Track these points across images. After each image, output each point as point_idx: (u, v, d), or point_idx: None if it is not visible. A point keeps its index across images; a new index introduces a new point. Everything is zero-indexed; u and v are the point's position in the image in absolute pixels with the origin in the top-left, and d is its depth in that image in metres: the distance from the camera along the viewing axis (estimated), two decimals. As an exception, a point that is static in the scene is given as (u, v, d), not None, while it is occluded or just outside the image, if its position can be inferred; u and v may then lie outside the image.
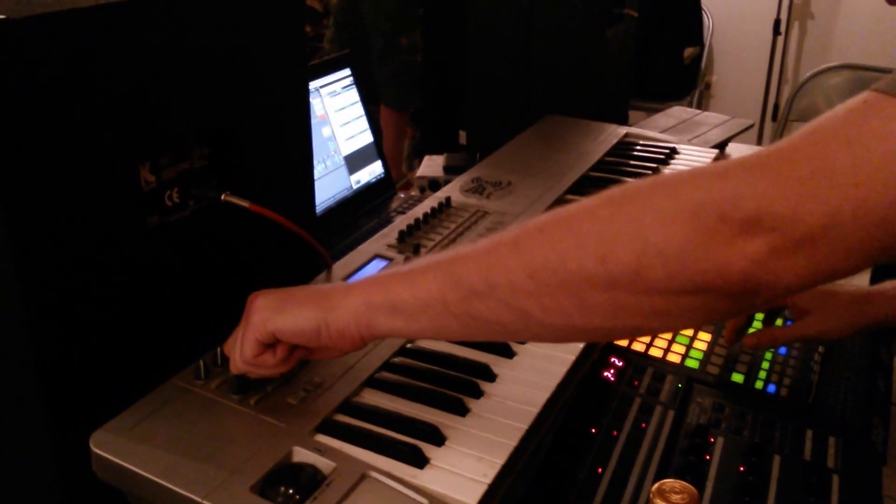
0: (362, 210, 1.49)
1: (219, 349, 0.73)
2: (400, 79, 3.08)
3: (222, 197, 0.79)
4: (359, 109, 1.56)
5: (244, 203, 0.79)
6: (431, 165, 1.71)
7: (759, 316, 1.00)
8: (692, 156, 1.31)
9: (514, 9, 1.61)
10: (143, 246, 0.72)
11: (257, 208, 0.79)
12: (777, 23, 3.86)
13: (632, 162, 1.27)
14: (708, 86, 4.31)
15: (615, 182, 1.17)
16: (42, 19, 0.58)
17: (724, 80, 4.31)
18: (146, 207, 0.73)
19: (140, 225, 0.72)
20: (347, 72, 1.53)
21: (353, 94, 1.54)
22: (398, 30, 3.14)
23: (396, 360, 0.77)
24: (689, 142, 1.77)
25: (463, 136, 3.41)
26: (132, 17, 0.66)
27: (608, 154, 1.30)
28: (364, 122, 1.58)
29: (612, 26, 1.71)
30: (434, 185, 1.65)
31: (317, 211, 1.14)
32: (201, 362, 0.72)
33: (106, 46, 0.64)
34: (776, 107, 4.02)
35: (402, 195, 1.60)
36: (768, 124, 4.02)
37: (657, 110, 3.74)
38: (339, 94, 1.50)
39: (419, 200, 1.58)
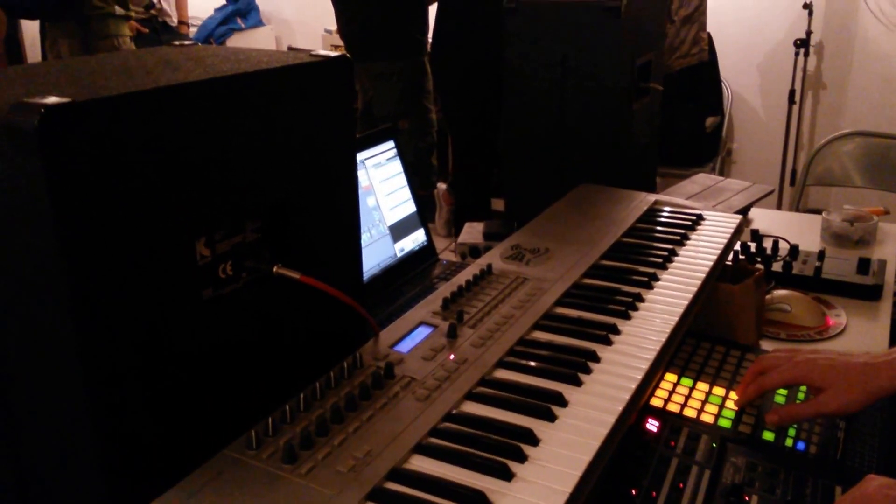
0: (406, 277, 1.47)
1: (269, 419, 0.70)
2: (414, 167, 3.12)
3: (274, 269, 0.77)
4: (402, 180, 1.55)
5: (295, 275, 0.76)
6: (472, 232, 1.69)
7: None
8: (717, 222, 1.26)
9: (546, 86, 1.61)
10: (198, 318, 0.70)
11: (308, 280, 0.77)
12: (792, 93, 3.83)
13: (661, 228, 1.24)
14: (729, 152, 4.27)
15: (647, 248, 1.15)
16: (106, 102, 0.57)
17: (745, 146, 4.28)
18: (201, 281, 0.71)
19: (196, 298, 0.70)
20: (391, 144, 1.53)
21: (397, 165, 1.54)
22: (400, 115, 3.18)
23: (443, 426, 0.74)
24: (713, 207, 1.74)
25: (497, 204, 3.41)
26: (191, 98, 0.65)
27: (639, 220, 1.26)
28: (407, 192, 1.57)
29: (639, 99, 1.69)
30: (474, 251, 1.63)
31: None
32: (253, 432, 0.69)
33: (166, 126, 0.63)
34: (794, 171, 3.96)
35: (444, 262, 1.58)
36: (787, 188, 3.95)
37: (683, 176, 3.72)
38: (383, 165, 1.49)
39: (461, 267, 1.56)
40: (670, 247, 1.14)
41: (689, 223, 1.24)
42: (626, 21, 1.52)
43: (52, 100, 0.53)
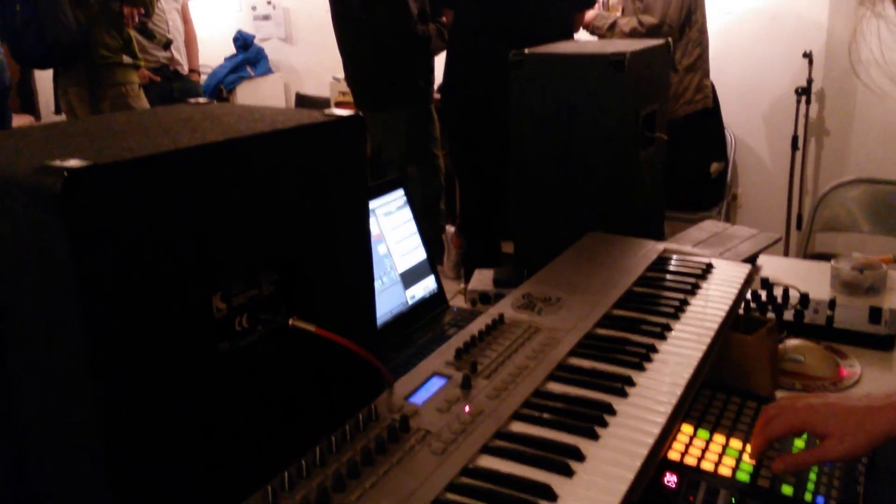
0: (417, 324, 1.47)
1: (285, 473, 0.70)
2: (422, 212, 3.16)
3: (290, 322, 0.77)
4: (412, 227, 1.56)
5: (310, 327, 0.76)
6: (482, 279, 1.69)
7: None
8: (728, 271, 1.26)
9: (553, 136, 1.62)
10: (214, 371, 0.70)
11: (323, 332, 0.77)
12: (795, 139, 3.86)
13: (671, 277, 1.24)
14: (734, 197, 4.29)
15: (658, 297, 1.15)
16: (127, 164, 0.58)
17: (749, 191, 4.30)
18: (218, 334, 0.71)
19: (212, 351, 0.70)
20: (401, 192, 1.54)
21: (407, 213, 1.55)
22: (408, 162, 3.22)
23: (460, 481, 0.73)
24: (721, 255, 1.73)
25: (507, 246, 3.41)
26: (210, 158, 0.66)
27: (649, 269, 1.26)
28: (417, 239, 1.58)
29: (645, 149, 1.71)
30: (485, 298, 1.63)
31: (375, 328, 1.12)
32: (269, 487, 0.68)
33: (185, 186, 0.64)
34: (799, 216, 3.97)
35: (455, 308, 1.58)
36: (792, 233, 3.96)
37: (689, 220, 3.74)
38: (393, 213, 1.50)
39: (471, 314, 1.56)
40: (682, 296, 1.14)
41: (700, 272, 1.24)
42: (630, 73, 1.54)
43: (75, 163, 0.54)
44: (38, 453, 0.66)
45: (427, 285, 1.55)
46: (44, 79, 5.98)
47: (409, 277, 1.50)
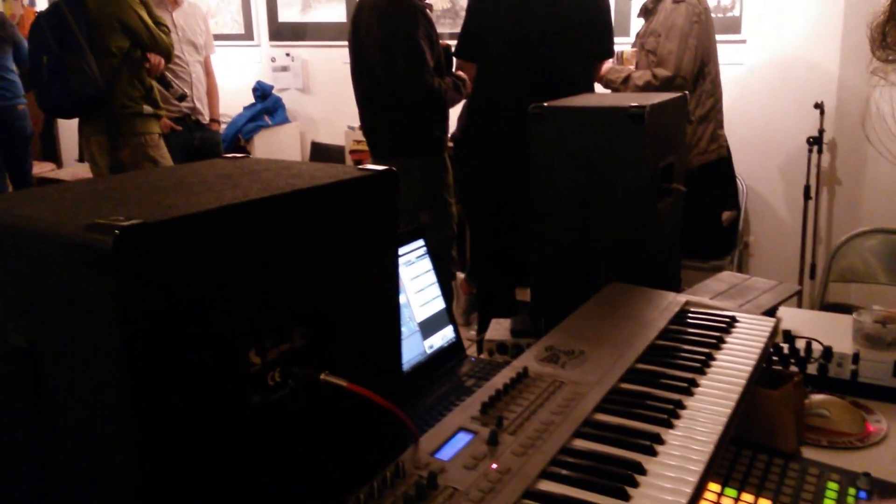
0: (435, 374, 1.46)
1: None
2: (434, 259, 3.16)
3: (321, 376, 0.77)
4: (431, 277, 1.56)
5: (342, 382, 0.76)
6: (499, 329, 1.69)
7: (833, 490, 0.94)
8: (752, 325, 1.26)
9: (571, 186, 1.64)
10: (247, 425, 0.70)
11: (355, 387, 0.77)
12: (807, 188, 3.87)
13: (695, 331, 1.23)
14: (746, 246, 4.28)
15: (683, 351, 1.14)
16: (176, 222, 0.59)
17: (762, 240, 4.29)
18: (252, 388, 0.71)
19: (246, 405, 0.70)
20: (421, 242, 1.55)
21: (426, 263, 1.55)
22: (421, 209, 3.24)
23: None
24: (740, 307, 1.73)
25: (520, 294, 3.41)
26: (252, 215, 0.67)
27: (672, 322, 1.26)
28: (436, 289, 1.58)
29: (663, 200, 1.72)
30: (502, 348, 1.62)
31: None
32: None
33: (227, 242, 0.65)
34: (812, 266, 3.95)
35: (473, 359, 1.57)
36: (805, 282, 3.94)
37: (700, 269, 3.72)
38: (413, 263, 1.51)
39: (489, 364, 1.55)
40: (707, 350, 1.14)
41: (724, 326, 1.24)
42: (649, 125, 1.56)
43: (126, 221, 0.55)
44: (71, 499, 0.65)
45: (445, 335, 1.55)
46: (66, 127, 6.12)
47: (428, 327, 1.50)
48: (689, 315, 1.31)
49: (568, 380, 1.04)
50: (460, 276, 3.74)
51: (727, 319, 1.27)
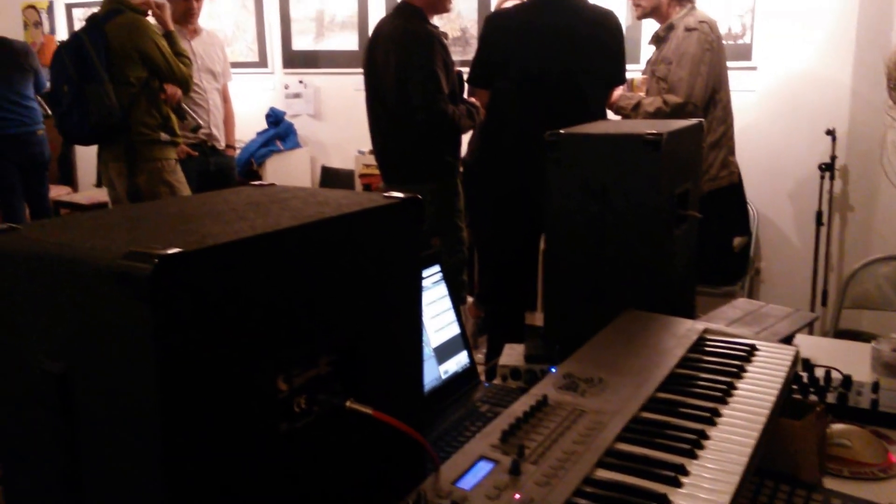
0: (450, 399, 1.45)
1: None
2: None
3: (347, 404, 0.77)
4: (447, 302, 1.56)
5: (368, 410, 0.76)
6: (512, 354, 1.68)
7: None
8: (773, 353, 1.25)
9: (587, 213, 1.64)
10: (273, 452, 0.70)
11: (380, 415, 0.77)
12: (819, 214, 3.86)
13: (715, 359, 1.23)
14: (758, 272, 4.27)
15: (704, 380, 1.14)
16: (213, 251, 0.60)
17: (773, 266, 4.28)
18: (279, 415, 0.71)
19: (273, 433, 0.70)
20: (437, 268, 1.55)
21: (442, 288, 1.55)
22: (433, 234, 3.25)
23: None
24: (756, 334, 1.72)
25: (534, 318, 3.39)
26: (285, 243, 0.68)
27: (691, 350, 1.25)
28: (452, 315, 1.58)
29: (679, 226, 1.72)
30: (516, 373, 1.62)
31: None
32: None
33: (259, 270, 0.65)
34: (824, 292, 3.93)
35: (487, 384, 1.57)
36: (817, 308, 3.92)
37: (711, 294, 3.71)
38: (429, 288, 1.51)
39: (503, 390, 1.55)
40: (728, 379, 1.13)
41: (744, 354, 1.23)
42: (666, 152, 1.56)
43: (164, 249, 0.55)
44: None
45: (460, 360, 1.55)
46: (82, 152, 6.19)
47: (443, 352, 1.50)
48: (708, 343, 1.30)
49: (588, 408, 1.03)
50: (469, 299, 3.74)
51: (747, 348, 1.26)
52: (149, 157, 3.36)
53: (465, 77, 3.18)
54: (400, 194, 0.84)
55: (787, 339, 1.71)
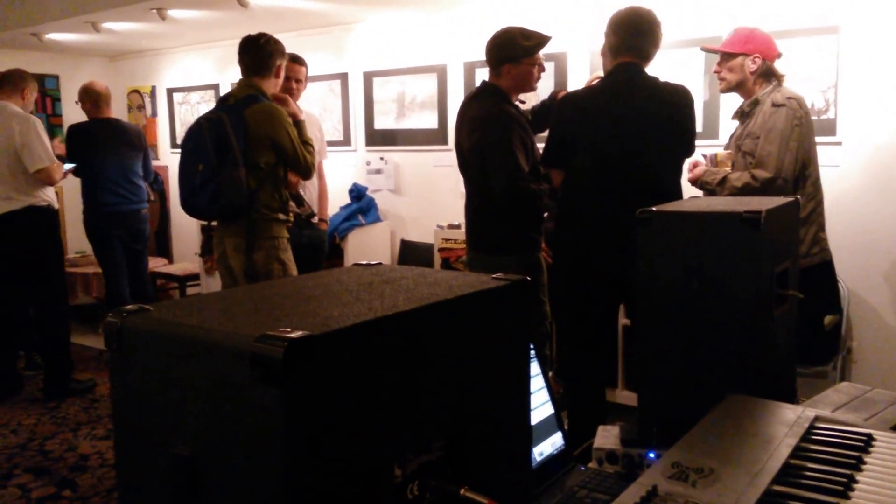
0: (545, 484, 1.40)
1: None
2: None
3: (462, 492, 0.74)
4: (540, 381, 1.53)
5: (484, 500, 0.73)
6: (607, 437, 1.61)
7: None
8: (891, 444, 1.16)
9: (681, 294, 1.59)
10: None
11: (494, 504, 0.73)
12: (915, 292, 3.66)
13: (830, 449, 1.14)
14: (849, 351, 4.05)
15: (821, 472, 1.06)
16: (338, 334, 0.59)
17: (865, 346, 4.06)
18: (395, 502, 0.69)
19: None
20: (530, 346, 1.52)
21: (535, 367, 1.52)
22: None
23: None
24: (865, 421, 1.61)
25: (615, 395, 3.28)
26: (402, 325, 0.67)
27: (803, 440, 1.18)
28: (545, 394, 1.54)
29: (779, 307, 1.64)
30: (612, 457, 1.55)
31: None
32: None
33: (379, 353, 0.65)
34: (926, 374, 3.69)
35: (582, 468, 1.50)
36: (920, 391, 3.67)
37: (802, 374, 3.52)
38: (521, 368, 1.48)
39: (599, 474, 1.48)
40: (847, 472, 1.05)
41: (861, 444, 1.15)
42: (765, 231, 1.51)
43: (294, 333, 0.55)
44: None
45: (554, 442, 1.50)
46: (179, 227, 6.47)
47: (538, 433, 1.45)
48: (819, 431, 1.22)
49: (701, 501, 0.97)
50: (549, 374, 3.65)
51: (863, 437, 1.17)
52: (267, 234, 3.42)
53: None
54: (511, 276, 0.83)
55: (899, 427, 1.59)
